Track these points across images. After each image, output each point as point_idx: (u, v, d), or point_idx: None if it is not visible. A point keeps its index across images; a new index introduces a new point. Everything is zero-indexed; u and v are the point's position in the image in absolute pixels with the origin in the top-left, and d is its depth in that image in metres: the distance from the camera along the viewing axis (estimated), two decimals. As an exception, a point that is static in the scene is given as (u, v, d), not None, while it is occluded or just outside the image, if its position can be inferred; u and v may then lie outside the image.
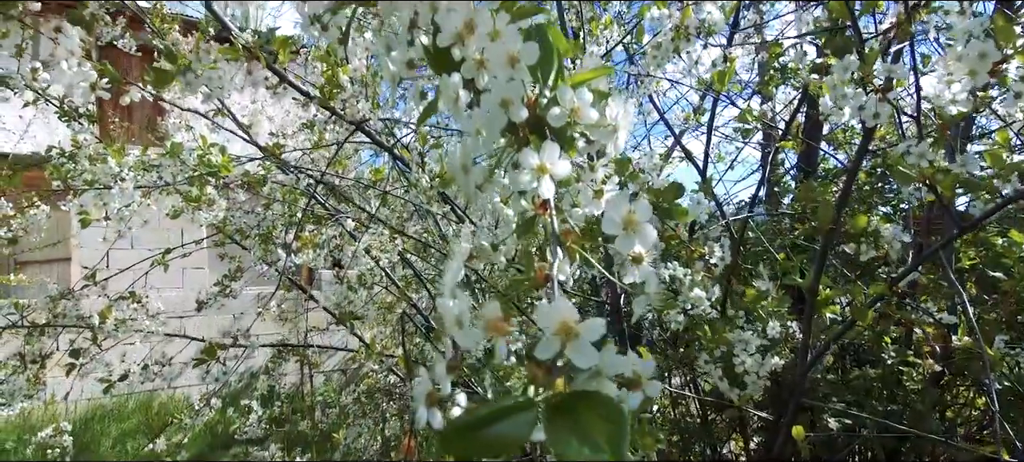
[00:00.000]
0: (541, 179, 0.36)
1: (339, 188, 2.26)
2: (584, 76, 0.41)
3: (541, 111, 0.39)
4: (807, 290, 1.27)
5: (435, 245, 2.68)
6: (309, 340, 3.62)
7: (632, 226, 0.32)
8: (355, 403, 2.74)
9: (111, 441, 4.35)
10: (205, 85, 0.87)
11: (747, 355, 0.99)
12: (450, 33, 0.41)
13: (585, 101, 0.38)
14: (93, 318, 1.76)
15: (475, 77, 0.41)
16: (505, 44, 0.39)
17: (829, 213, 0.97)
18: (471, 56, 0.41)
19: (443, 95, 0.41)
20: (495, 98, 0.38)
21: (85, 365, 1.79)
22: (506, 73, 0.39)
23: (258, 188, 1.80)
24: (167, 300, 5.65)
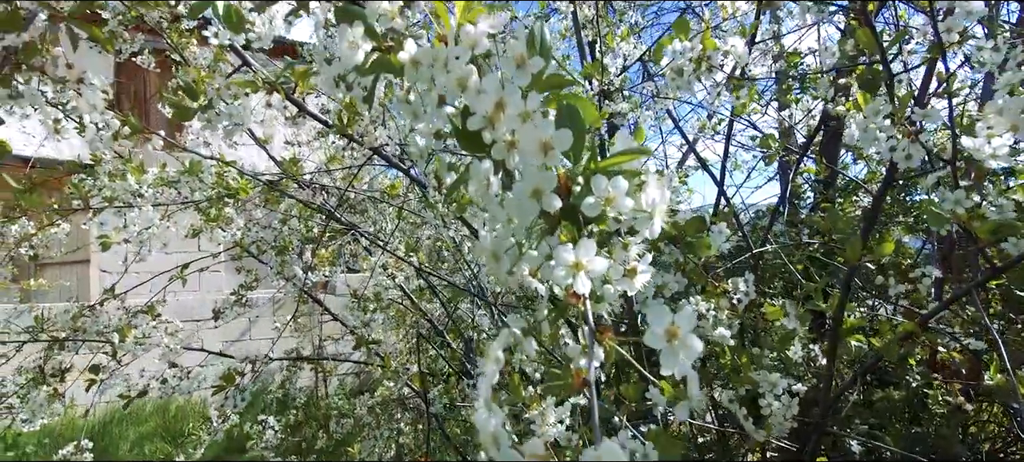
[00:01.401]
0: (577, 276, 0.35)
1: (354, 201, 2.27)
2: (617, 160, 0.40)
3: (575, 199, 0.38)
4: (832, 318, 1.24)
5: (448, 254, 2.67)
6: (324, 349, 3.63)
7: (676, 337, 0.30)
8: (369, 413, 2.75)
9: (129, 444, 4.41)
10: (226, 121, 0.87)
11: (773, 398, 0.98)
12: (480, 116, 0.40)
13: (620, 190, 0.37)
14: (113, 333, 1.78)
15: (505, 158, 0.40)
16: (537, 131, 0.38)
17: (858, 249, 0.95)
18: (502, 138, 0.40)
19: (473, 179, 0.40)
20: (527, 187, 0.37)
21: (105, 380, 1.81)
22: (538, 160, 0.38)
23: (275, 205, 1.80)
24: (183, 304, 5.71)
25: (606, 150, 1.35)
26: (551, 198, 0.37)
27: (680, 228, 0.92)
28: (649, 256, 0.41)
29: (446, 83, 0.43)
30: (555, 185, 0.37)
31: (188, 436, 3.60)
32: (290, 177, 1.92)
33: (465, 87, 0.43)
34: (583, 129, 0.41)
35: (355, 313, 1.72)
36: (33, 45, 0.68)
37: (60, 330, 2.00)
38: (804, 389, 1.29)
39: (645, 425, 1.03)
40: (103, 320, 1.94)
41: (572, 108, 0.41)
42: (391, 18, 0.49)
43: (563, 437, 0.93)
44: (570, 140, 0.38)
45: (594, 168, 0.40)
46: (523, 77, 0.42)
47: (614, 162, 0.40)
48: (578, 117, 0.41)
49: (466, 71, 0.42)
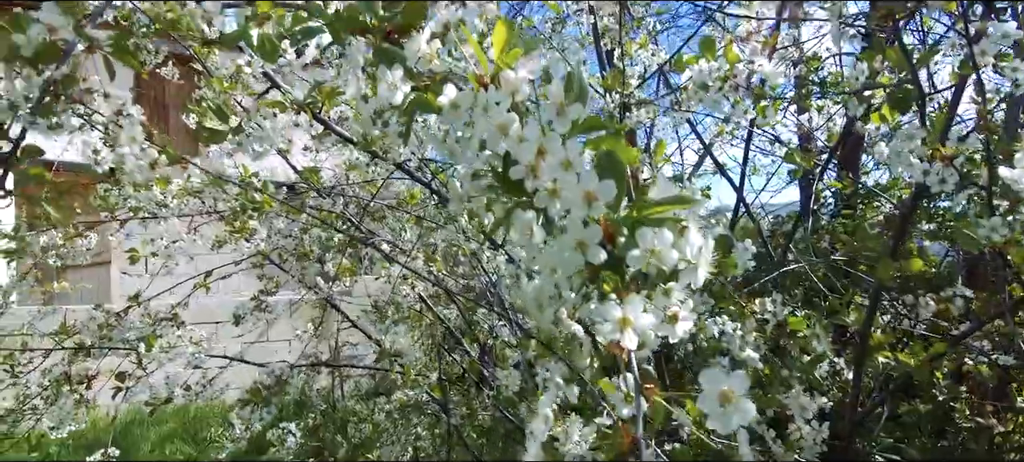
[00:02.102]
0: (624, 332, 0.35)
1: (373, 208, 2.28)
2: (659, 209, 0.40)
3: (619, 250, 0.38)
4: (859, 334, 1.23)
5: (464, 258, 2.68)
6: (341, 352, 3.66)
7: (730, 401, 0.30)
8: (387, 418, 2.76)
9: (150, 445, 4.48)
10: (257, 144, 0.88)
11: (804, 422, 0.97)
12: (522, 167, 0.40)
13: (665, 243, 0.37)
14: (139, 342, 1.81)
15: (547, 206, 0.41)
16: (581, 182, 0.38)
17: (889, 270, 0.94)
18: (544, 186, 0.40)
19: (516, 227, 0.40)
20: (571, 240, 0.37)
21: (130, 388, 1.84)
22: (582, 211, 0.38)
23: (296, 215, 1.82)
24: (203, 306, 5.76)
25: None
26: (596, 250, 0.37)
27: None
28: (690, 302, 0.41)
29: (486, 128, 0.43)
30: (600, 238, 0.37)
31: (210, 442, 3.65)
32: (311, 186, 1.94)
33: (506, 133, 0.43)
34: (624, 176, 0.41)
35: (377, 326, 1.73)
36: (72, 76, 0.69)
37: (85, 336, 2.04)
38: (829, 404, 1.28)
39: (670, 444, 1.03)
40: (128, 327, 1.97)
41: (612, 155, 0.41)
42: (429, 61, 0.49)
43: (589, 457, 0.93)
44: (614, 191, 0.38)
45: (637, 217, 0.40)
46: (563, 123, 0.42)
47: (656, 210, 0.40)
48: (618, 164, 0.41)
49: (508, 118, 0.43)
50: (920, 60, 0.84)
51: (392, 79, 0.50)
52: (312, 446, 2.62)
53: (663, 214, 0.40)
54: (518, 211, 0.41)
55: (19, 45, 0.64)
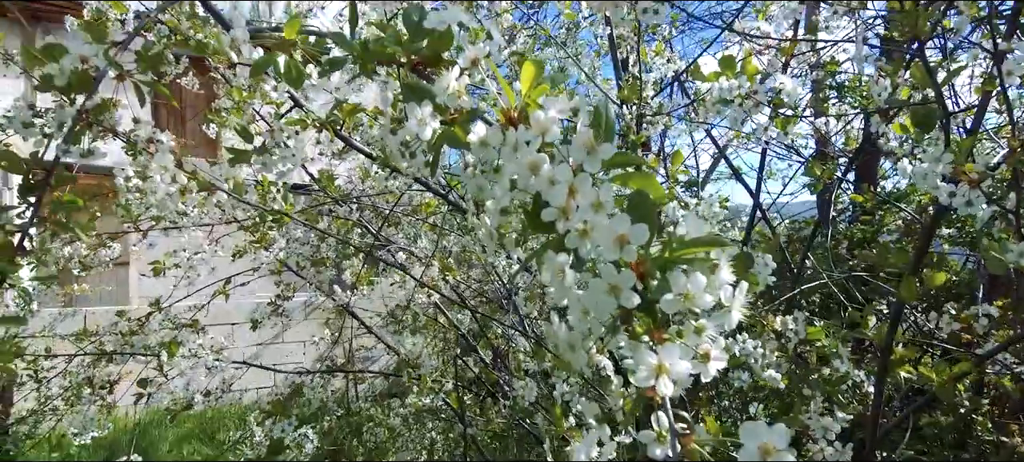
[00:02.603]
0: (660, 378, 0.35)
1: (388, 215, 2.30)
2: (691, 250, 0.40)
3: (652, 293, 0.38)
4: (880, 349, 1.22)
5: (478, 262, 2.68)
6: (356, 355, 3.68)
7: (771, 455, 0.31)
8: (403, 422, 2.78)
9: (168, 445, 4.54)
10: (281, 164, 0.89)
11: (826, 443, 0.96)
12: (553, 210, 0.40)
13: (699, 286, 0.37)
14: (160, 349, 1.83)
15: (578, 247, 0.41)
16: (613, 225, 0.38)
17: (913, 290, 0.93)
18: (575, 227, 0.41)
19: (547, 269, 0.41)
20: (604, 284, 0.38)
21: (152, 395, 1.87)
22: (614, 254, 0.38)
23: (314, 222, 1.84)
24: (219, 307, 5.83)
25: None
26: (629, 295, 0.37)
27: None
28: (722, 340, 0.41)
29: (517, 168, 0.44)
30: (633, 282, 0.37)
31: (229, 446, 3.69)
32: (327, 194, 1.96)
33: (537, 172, 0.43)
34: (654, 216, 0.41)
35: (391, 329, 1.74)
36: (105, 104, 0.70)
37: (106, 340, 2.07)
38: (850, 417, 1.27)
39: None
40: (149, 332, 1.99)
41: (642, 196, 0.41)
42: (458, 96, 0.50)
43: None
44: (646, 235, 0.38)
45: (669, 257, 0.40)
46: (593, 164, 0.43)
47: (688, 251, 0.40)
48: (648, 204, 0.41)
49: (538, 158, 0.43)
50: (945, 80, 0.83)
51: (421, 115, 0.51)
52: (328, 449, 2.64)
53: (695, 254, 0.40)
54: (549, 253, 0.41)
55: (52, 75, 0.66)
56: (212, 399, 2.00)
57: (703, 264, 0.41)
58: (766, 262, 1.04)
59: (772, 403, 1.12)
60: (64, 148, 0.67)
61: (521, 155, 0.44)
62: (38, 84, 0.67)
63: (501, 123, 0.51)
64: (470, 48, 0.51)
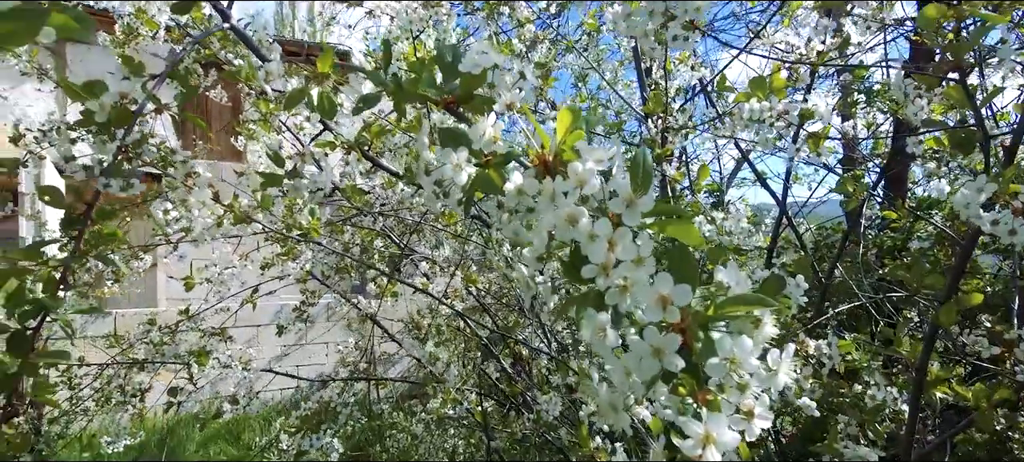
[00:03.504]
0: (706, 448, 0.35)
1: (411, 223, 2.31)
2: (734, 308, 0.39)
3: (696, 357, 0.38)
4: (915, 368, 1.19)
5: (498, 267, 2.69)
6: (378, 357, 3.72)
7: None
8: (425, 429, 2.80)
9: (195, 446, 4.63)
10: (311, 188, 0.90)
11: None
12: (594, 267, 0.40)
13: (745, 350, 0.37)
14: (188, 357, 1.87)
15: (618, 302, 0.41)
16: (656, 287, 0.38)
17: (952, 315, 0.90)
18: (615, 283, 0.40)
19: (587, 326, 0.40)
20: (647, 347, 0.37)
21: (182, 402, 1.91)
22: (656, 315, 0.38)
23: (340, 233, 1.86)
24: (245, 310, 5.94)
25: (666, 187, 1.33)
26: (673, 359, 0.37)
27: (758, 290, 0.90)
28: (767, 398, 0.41)
29: (555, 220, 0.44)
30: (677, 345, 0.37)
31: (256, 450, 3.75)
32: (351, 204, 1.98)
33: (575, 223, 0.43)
34: (695, 271, 0.41)
35: (412, 336, 1.75)
36: (145, 137, 0.72)
37: (138, 347, 2.12)
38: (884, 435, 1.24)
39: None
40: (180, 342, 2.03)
41: (683, 252, 0.41)
42: (493, 141, 0.50)
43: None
44: (689, 296, 0.38)
45: (713, 314, 0.39)
46: (633, 217, 0.42)
47: (731, 310, 0.40)
48: (689, 260, 0.41)
49: (577, 210, 0.43)
50: (984, 100, 0.81)
51: (457, 160, 0.51)
52: (352, 455, 2.67)
53: (738, 312, 0.40)
54: (590, 311, 0.41)
55: (93, 111, 0.68)
56: (239, 407, 2.04)
57: (746, 321, 0.41)
58: (798, 283, 1.03)
59: (800, 418, 1.10)
60: (105, 182, 0.68)
61: (559, 206, 0.44)
62: (79, 120, 0.69)
63: (535, 165, 0.51)
64: (506, 93, 0.51)
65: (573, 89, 3.17)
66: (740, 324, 0.41)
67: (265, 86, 0.72)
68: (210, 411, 1.92)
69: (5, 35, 0.46)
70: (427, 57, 1.37)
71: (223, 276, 1.43)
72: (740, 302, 0.39)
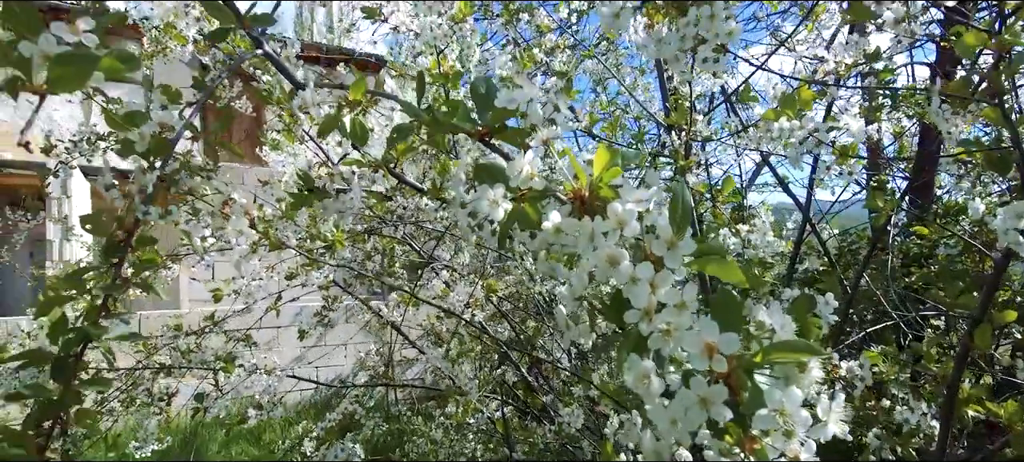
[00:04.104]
0: (753, 502, 0.35)
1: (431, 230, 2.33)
2: (781, 356, 0.39)
3: (744, 407, 0.37)
4: (946, 386, 1.17)
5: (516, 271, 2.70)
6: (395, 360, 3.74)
7: None
8: (444, 434, 2.81)
9: (218, 446, 4.70)
10: (339, 210, 0.91)
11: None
12: (636, 312, 0.40)
13: (794, 401, 0.37)
14: (214, 364, 1.90)
15: (660, 347, 0.41)
16: (702, 334, 0.38)
17: (988, 337, 0.89)
18: (658, 328, 0.40)
19: (630, 372, 0.41)
20: (693, 396, 0.37)
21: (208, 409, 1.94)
22: (702, 364, 0.38)
23: (362, 243, 1.87)
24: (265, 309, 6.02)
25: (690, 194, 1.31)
26: (721, 409, 0.37)
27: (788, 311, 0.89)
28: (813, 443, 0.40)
29: (595, 261, 0.44)
30: (725, 396, 0.37)
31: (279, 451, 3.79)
32: (373, 212, 1.99)
33: (615, 265, 0.43)
34: (741, 317, 0.41)
35: (443, 363, 1.76)
36: (183, 163, 0.73)
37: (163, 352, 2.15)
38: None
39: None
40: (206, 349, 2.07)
41: (728, 298, 0.41)
42: (530, 178, 0.50)
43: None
44: (736, 345, 0.37)
45: (759, 361, 0.39)
46: (674, 260, 0.42)
47: (778, 356, 0.39)
48: (734, 306, 0.41)
49: (617, 252, 0.43)
50: (1020, 119, 0.79)
51: (494, 196, 0.51)
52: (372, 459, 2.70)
53: (785, 359, 0.39)
54: (633, 357, 0.41)
55: (133, 142, 0.69)
56: (264, 412, 2.06)
57: (792, 368, 0.40)
58: (828, 301, 1.01)
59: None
60: (144, 210, 0.70)
61: (599, 247, 0.44)
62: (119, 149, 0.70)
63: (571, 200, 0.51)
64: (542, 131, 0.51)
65: (592, 93, 3.16)
66: (786, 369, 0.41)
67: (300, 114, 0.73)
68: (235, 417, 1.95)
69: (56, 79, 0.47)
70: (450, 71, 1.38)
71: (250, 288, 1.46)
72: (787, 349, 0.39)
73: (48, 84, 0.47)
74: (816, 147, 0.92)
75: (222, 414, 2.01)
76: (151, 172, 0.68)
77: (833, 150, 1.09)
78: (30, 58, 0.46)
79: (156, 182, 0.70)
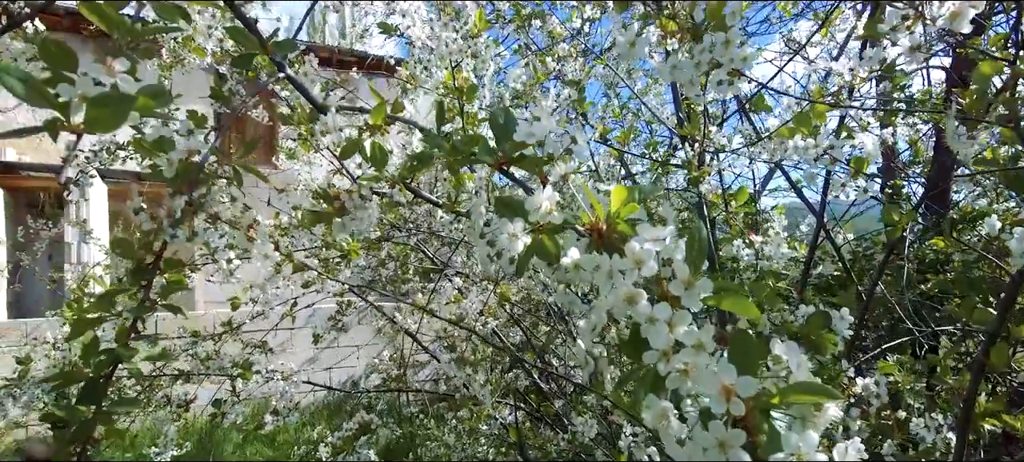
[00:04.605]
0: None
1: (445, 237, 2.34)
2: (799, 398, 0.40)
3: (761, 452, 0.38)
4: (963, 400, 1.17)
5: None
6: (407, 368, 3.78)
7: None
8: (456, 438, 2.83)
9: (232, 447, 4.75)
10: (357, 225, 0.93)
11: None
12: (655, 354, 0.41)
13: (812, 445, 0.37)
14: (231, 370, 1.93)
15: (679, 386, 0.42)
16: (719, 376, 0.39)
17: (1005, 355, 0.89)
18: (676, 368, 0.41)
19: (649, 412, 0.42)
20: (711, 439, 0.38)
21: (226, 414, 1.97)
22: (720, 406, 0.39)
23: (376, 250, 1.89)
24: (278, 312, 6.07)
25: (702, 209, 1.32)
26: (739, 453, 0.38)
27: (804, 328, 0.90)
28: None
29: (613, 301, 0.45)
30: (743, 440, 0.38)
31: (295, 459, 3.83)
32: (389, 222, 2.02)
33: (633, 303, 0.44)
34: (757, 359, 0.42)
35: (457, 372, 1.78)
36: (209, 188, 0.75)
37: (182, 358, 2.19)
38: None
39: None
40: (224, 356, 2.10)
41: (745, 339, 0.42)
42: (548, 213, 0.51)
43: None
44: (754, 388, 0.38)
45: (776, 403, 0.40)
46: (692, 300, 0.43)
47: (795, 398, 0.40)
48: (752, 347, 0.42)
49: (635, 291, 0.44)
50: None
51: (513, 230, 0.52)
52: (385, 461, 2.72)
53: (803, 401, 0.40)
54: (652, 397, 0.42)
55: (162, 168, 0.71)
56: (280, 418, 2.09)
57: (809, 408, 0.41)
58: (843, 316, 1.02)
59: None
60: (172, 233, 0.72)
61: (617, 285, 0.45)
62: (149, 173, 0.72)
63: (588, 232, 0.52)
64: (560, 165, 0.52)
65: (604, 98, 3.16)
66: (803, 409, 0.41)
67: (323, 140, 0.74)
68: (252, 422, 1.98)
69: (93, 120, 0.49)
70: (465, 84, 1.39)
71: (268, 296, 1.48)
72: (805, 390, 0.40)
73: (85, 124, 0.48)
74: (831, 164, 0.92)
75: (239, 420, 2.05)
76: (179, 197, 0.70)
77: (849, 164, 1.09)
78: (69, 100, 0.48)
79: (185, 208, 0.72)
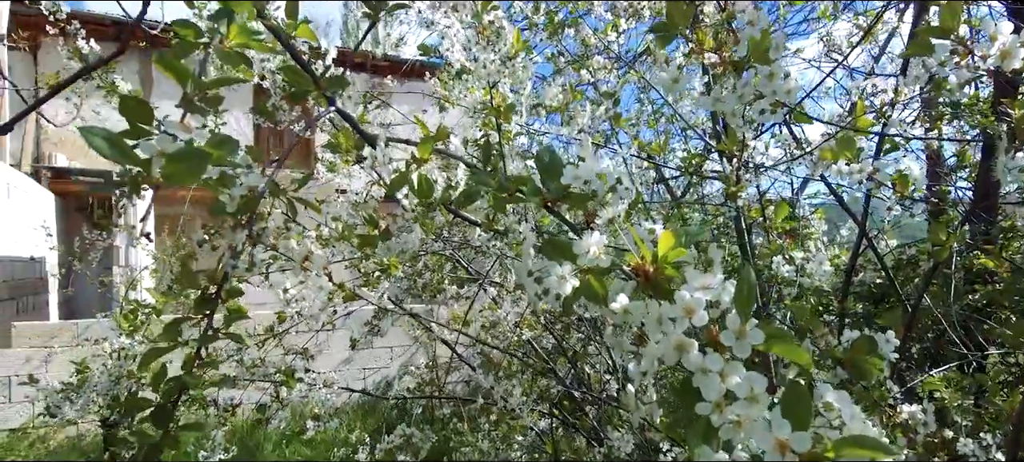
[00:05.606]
0: None
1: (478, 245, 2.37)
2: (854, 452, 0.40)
3: (811, 503, 0.39)
4: (1012, 423, 1.14)
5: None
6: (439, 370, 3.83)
7: None
8: (490, 444, 2.86)
9: (272, 445, 4.89)
10: (400, 246, 0.96)
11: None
12: (708, 405, 0.42)
13: (864, 502, 0.38)
14: (276, 376, 2.00)
15: (732, 437, 0.43)
16: (774, 431, 0.40)
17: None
18: (729, 420, 0.42)
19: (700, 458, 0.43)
20: (766, 491, 0.39)
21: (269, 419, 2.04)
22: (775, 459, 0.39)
23: (413, 261, 1.93)
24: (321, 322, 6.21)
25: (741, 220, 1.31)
26: (790, 505, 0.38)
27: (848, 353, 0.89)
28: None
29: (664, 347, 0.46)
30: (795, 492, 0.39)
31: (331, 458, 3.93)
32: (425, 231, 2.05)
33: (684, 351, 0.45)
34: (810, 411, 0.42)
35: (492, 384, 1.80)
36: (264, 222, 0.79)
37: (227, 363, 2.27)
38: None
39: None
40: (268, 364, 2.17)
41: (798, 391, 0.42)
42: (596, 257, 0.53)
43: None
44: (807, 443, 0.39)
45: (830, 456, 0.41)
46: (743, 349, 0.44)
47: (849, 453, 0.41)
48: (805, 400, 0.42)
49: (686, 341, 0.45)
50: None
51: (561, 272, 0.54)
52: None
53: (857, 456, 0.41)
54: (705, 448, 0.43)
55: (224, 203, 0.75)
56: (321, 423, 2.15)
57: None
58: (888, 340, 1.00)
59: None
60: (233, 264, 0.75)
61: (668, 332, 0.46)
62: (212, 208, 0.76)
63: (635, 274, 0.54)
64: (608, 209, 0.53)
65: (637, 103, 3.15)
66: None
67: (373, 173, 0.77)
68: (295, 426, 2.04)
69: (171, 175, 0.52)
70: (502, 104, 1.41)
71: (314, 310, 1.53)
72: (859, 445, 0.40)
73: (164, 177, 0.52)
74: (876, 189, 0.91)
75: (282, 426, 2.11)
76: (240, 230, 0.74)
77: (892, 185, 1.07)
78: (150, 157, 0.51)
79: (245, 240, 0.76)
